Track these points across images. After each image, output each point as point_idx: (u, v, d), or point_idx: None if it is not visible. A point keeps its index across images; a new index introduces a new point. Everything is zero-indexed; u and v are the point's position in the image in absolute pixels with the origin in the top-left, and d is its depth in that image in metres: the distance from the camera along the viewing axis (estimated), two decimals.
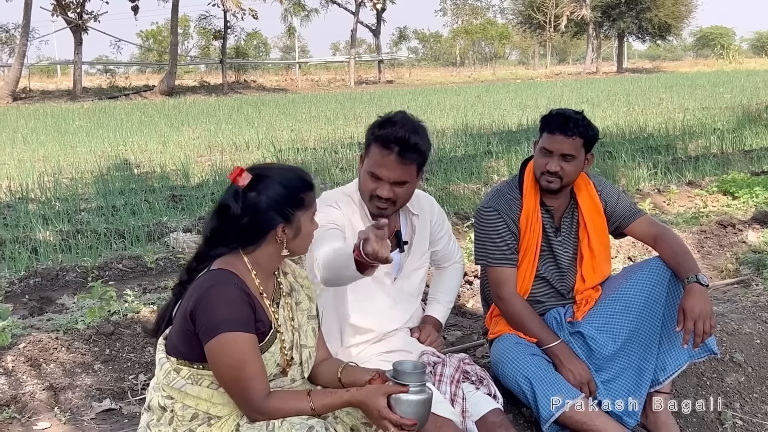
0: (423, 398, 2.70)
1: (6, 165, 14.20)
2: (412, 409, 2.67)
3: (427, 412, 2.73)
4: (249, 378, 2.65)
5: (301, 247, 2.86)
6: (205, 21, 56.62)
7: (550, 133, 3.71)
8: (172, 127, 21.58)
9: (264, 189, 2.74)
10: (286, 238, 2.78)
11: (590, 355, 3.70)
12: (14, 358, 4.46)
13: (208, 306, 2.65)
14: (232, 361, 2.63)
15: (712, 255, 6.98)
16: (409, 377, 2.70)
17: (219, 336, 2.62)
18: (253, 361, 2.66)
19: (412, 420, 2.65)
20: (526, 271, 3.85)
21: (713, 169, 11.15)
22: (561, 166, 3.68)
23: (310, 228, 2.84)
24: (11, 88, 39.47)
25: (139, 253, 7.46)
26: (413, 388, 2.68)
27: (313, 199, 2.84)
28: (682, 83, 37.39)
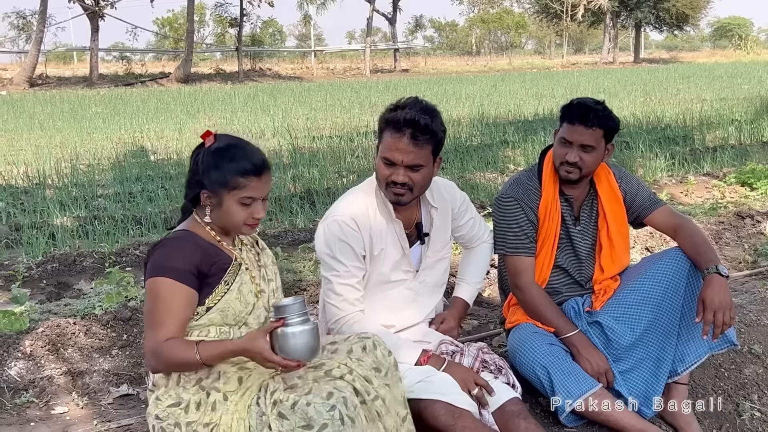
0: (302, 329, 2.67)
1: (23, 151, 14.25)
2: (294, 341, 2.66)
3: (312, 343, 2.69)
4: (160, 322, 2.77)
5: (222, 222, 2.92)
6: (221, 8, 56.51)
7: (570, 123, 3.69)
8: (188, 114, 21.60)
9: (210, 154, 2.87)
10: (209, 205, 2.89)
11: (608, 345, 3.69)
12: (32, 343, 4.49)
13: (156, 255, 2.85)
14: (154, 301, 2.80)
15: (730, 246, 6.95)
16: (284, 310, 2.68)
17: (153, 278, 2.81)
18: (171, 308, 2.78)
19: (295, 360, 2.68)
20: (544, 261, 3.83)
21: (731, 160, 11.08)
22: (580, 157, 3.66)
23: (235, 209, 2.87)
24: (28, 74, 39.59)
25: (155, 239, 7.47)
26: (291, 320, 2.67)
27: (250, 186, 2.86)
28: (699, 74, 37.19)
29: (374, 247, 3.41)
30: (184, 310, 2.81)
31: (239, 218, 2.88)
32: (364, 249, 3.39)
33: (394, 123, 3.29)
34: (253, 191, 2.86)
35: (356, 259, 3.38)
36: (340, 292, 3.37)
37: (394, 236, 3.45)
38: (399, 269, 3.50)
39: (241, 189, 2.84)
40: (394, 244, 3.46)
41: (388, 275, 3.48)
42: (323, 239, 3.41)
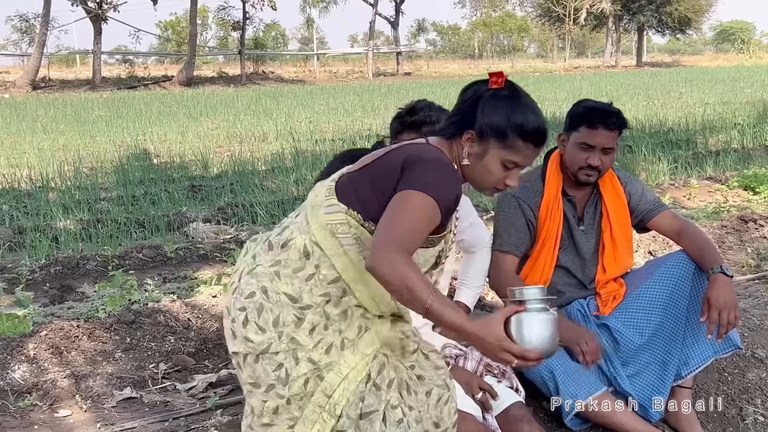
0: (543, 317, 2.42)
1: (26, 154, 14.28)
2: (535, 330, 2.40)
3: (553, 337, 2.42)
4: (411, 232, 2.45)
5: (473, 173, 2.67)
6: (224, 12, 56.64)
7: (591, 127, 3.67)
8: (190, 117, 21.64)
9: (500, 99, 2.63)
10: (468, 148, 2.63)
11: (617, 348, 3.68)
12: (36, 346, 4.49)
13: (429, 167, 2.53)
14: (406, 211, 2.46)
15: (733, 250, 6.95)
16: (526, 295, 2.44)
17: (416, 191, 2.48)
18: (423, 229, 2.50)
19: (536, 350, 2.39)
20: (546, 260, 3.82)
21: (734, 164, 11.08)
22: (601, 160, 3.67)
23: (495, 167, 2.62)
24: (31, 77, 39.67)
25: (158, 242, 7.48)
26: (532, 305, 2.42)
27: (524, 153, 2.61)
28: (701, 77, 37.20)
29: None
30: (425, 234, 2.54)
31: (494, 178, 2.64)
32: None
33: (413, 124, 3.45)
34: (524, 158, 2.62)
35: None
36: None
37: None
38: None
39: (513, 151, 2.60)
40: None
41: None
42: None
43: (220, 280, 6.04)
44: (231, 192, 10.01)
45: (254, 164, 12.27)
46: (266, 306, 2.54)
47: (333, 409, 2.52)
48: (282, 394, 2.55)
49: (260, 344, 2.54)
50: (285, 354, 2.53)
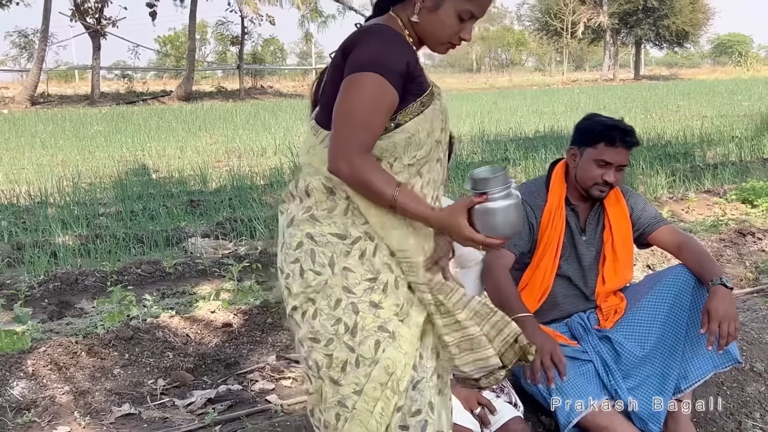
0: (505, 205, 2.41)
1: (25, 169, 14.28)
2: (499, 218, 2.40)
3: (515, 219, 2.43)
4: (361, 123, 2.36)
5: (426, 30, 2.51)
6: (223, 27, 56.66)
7: (610, 145, 3.70)
8: (189, 132, 21.65)
9: None
10: (421, 3, 2.47)
11: (618, 361, 3.68)
12: (34, 362, 4.49)
13: (363, 44, 2.42)
14: (357, 99, 2.36)
15: (732, 264, 6.95)
16: (485, 183, 2.41)
17: (356, 74, 2.38)
18: (374, 111, 2.37)
19: (498, 238, 2.42)
20: (547, 268, 3.83)
21: (732, 177, 11.10)
22: (616, 177, 3.74)
23: (450, 20, 2.47)
24: (30, 92, 39.67)
25: (157, 257, 7.48)
26: (494, 194, 2.40)
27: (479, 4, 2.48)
28: (699, 91, 37.25)
29: None
30: (386, 117, 2.41)
31: (448, 32, 2.49)
32: None
33: None
34: (479, 7, 2.47)
35: None
36: None
37: None
38: None
39: (469, 0, 2.45)
40: None
41: None
42: None
43: (218, 295, 6.05)
44: (230, 207, 10.02)
45: (253, 179, 12.28)
46: (317, 250, 2.48)
47: (396, 386, 2.45)
48: (351, 346, 2.45)
49: (318, 284, 2.47)
50: (340, 291, 2.46)
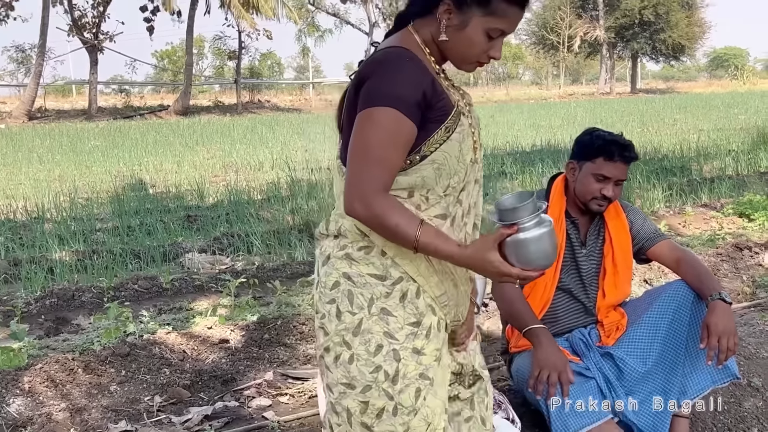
0: (538, 234, 2.26)
1: (22, 185, 14.28)
2: (530, 249, 2.26)
3: (550, 247, 2.29)
4: (377, 160, 2.25)
5: (456, 52, 2.41)
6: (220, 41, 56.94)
7: (609, 159, 3.72)
8: (186, 146, 21.66)
9: None
10: (447, 21, 2.34)
11: (621, 377, 3.67)
12: (30, 379, 4.48)
13: (378, 74, 2.30)
14: (371, 135, 2.25)
15: (729, 278, 6.95)
16: (514, 213, 2.26)
17: (370, 109, 2.27)
18: (391, 145, 2.26)
19: (536, 269, 2.28)
20: (548, 281, 3.83)
21: (729, 191, 11.11)
22: (614, 191, 3.73)
23: (478, 38, 2.35)
24: (27, 107, 39.70)
25: (154, 273, 7.47)
26: (524, 224, 2.25)
27: (508, 16, 2.33)
28: (696, 104, 37.35)
29: None
30: (403, 152, 2.29)
31: (477, 50, 2.37)
32: None
33: None
34: (509, 24, 2.35)
35: None
36: None
37: None
38: None
39: (498, 17, 2.31)
40: None
41: None
42: None
43: (215, 311, 6.04)
44: (227, 222, 10.01)
45: (250, 194, 12.28)
46: (355, 291, 2.36)
47: None
48: (390, 394, 2.35)
49: (355, 327, 2.35)
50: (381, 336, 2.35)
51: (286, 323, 5.50)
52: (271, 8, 45.53)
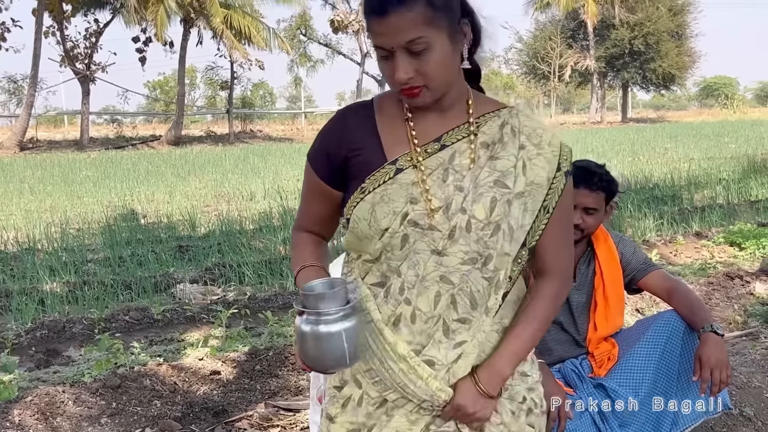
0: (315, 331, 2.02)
1: (13, 215, 14.25)
2: (304, 344, 2.05)
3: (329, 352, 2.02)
4: (301, 201, 2.40)
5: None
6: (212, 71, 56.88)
7: (573, 187, 3.72)
8: (178, 176, 21.67)
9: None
10: None
11: (614, 408, 3.66)
12: (21, 412, 4.45)
13: None
14: None
15: (720, 307, 6.96)
16: (305, 299, 2.05)
17: None
18: (303, 195, 2.37)
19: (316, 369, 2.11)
20: None
21: (719, 220, 11.14)
22: (583, 219, 3.70)
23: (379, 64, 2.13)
24: (18, 138, 39.66)
25: (145, 304, 7.46)
26: (310, 315, 2.02)
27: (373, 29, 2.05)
28: (686, 133, 37.50)
29: None
30: (314, 203, 2.33)
31: (388, 78, 2.11)
32: None
33: None
34: (378, 37, 2.05)
35: None
36: None
37: None
38: None
39: (371, 34, 2.08)
40: None
41: None
42: None
43: (206, 342, 6.02)
44: (218, 252, 10.00)
45: (242, 223, 12.27)
46: None
47: None
48: None
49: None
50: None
51: (278, 354, 5.49)
52: (264, 39, 45.65)
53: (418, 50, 2.02)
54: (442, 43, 2.05)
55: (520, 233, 2.18)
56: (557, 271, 2.29)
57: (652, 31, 62.22)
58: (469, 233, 2.12)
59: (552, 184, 2.23)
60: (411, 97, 2.10)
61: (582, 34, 65.49)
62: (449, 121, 2.20)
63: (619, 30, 62.75)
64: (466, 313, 2.17)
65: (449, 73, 2.12)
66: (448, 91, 2.16)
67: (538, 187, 2.20)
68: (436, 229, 2.12)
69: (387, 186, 2.13)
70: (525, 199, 2.18)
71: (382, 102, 2.26)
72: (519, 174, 2.17)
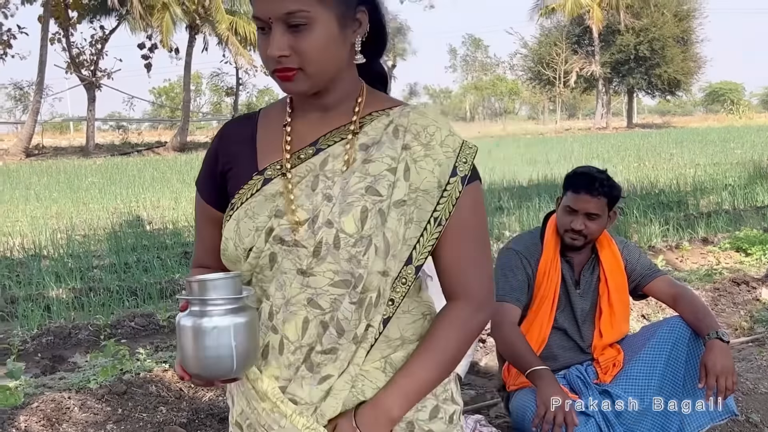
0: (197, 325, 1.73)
1: (19, 222, 14.29)
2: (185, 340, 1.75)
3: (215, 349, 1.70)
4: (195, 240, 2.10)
5: None
6: (218, 78, 57.26)
7: (575, 192, 3.74)
8: (184, 183, 21.68)
9: None
10: None
11: (619, 415, 3.65)
12: (27, 418, 4.45)
13: None
14: None
15: (726, 313, 6.94)
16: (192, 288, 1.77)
17: None
18: (195, 223, 2.15)
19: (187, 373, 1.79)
20: (543, 320, 3.83)
21: (725, 226, 11.12)
22: (585, 224, 3.71)
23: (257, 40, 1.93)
24: (24, 144, 39.78)
25: (151, 310, 7.47)
26: (195, 307, 1.75)
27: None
28: (692, 138, 37.46)
29: None
30: (206, 232, 2.09)
31: (262, 56, 1.89)
32: None
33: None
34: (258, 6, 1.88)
35: None
36: None
37: None
38: None
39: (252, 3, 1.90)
40: None
41: None
42: None
43: None
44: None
45: None
46: None
47: None
48: None
49: None
50: None
51: None
52: None
53: (296, 24, 1.79)
54: (327, 23, 1.80)
55: (403, 249, 1.86)
56: (466, 295, 1.95)
57: (658, 36, 62.24)
58: (338, 250, 1.82)
59: (445, 192, 1.88)
60: (284, 80, 1.84)
61: (587, 39, 65.51)
62: (332, 122, 1.94)
63: (624, 35, 62.78)
64: (333, 343, 1.86)
65: (331, 59, 1.84)
66: (331, 84, 1.89)
67: (425, 194, 1.87)
68: (301, 245, 1.85)
69: (252, 199, 1.91)
70: (407, 209, 1.86)
71: (267, 110, 2.06)
72: (399, 179, 1.85)
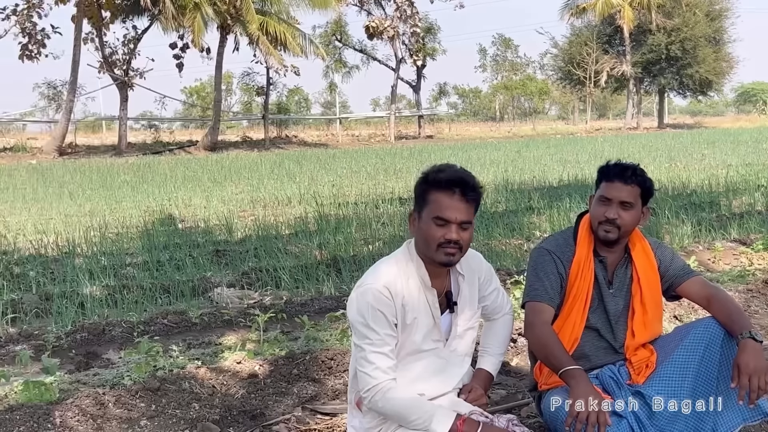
0: None
1: (53, 220, 14.41)
2: None
3: None
4: None
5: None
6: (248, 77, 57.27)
7: (608, 181, 3.77)
8: (215, 182, 21.80)
9: None
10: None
11: (651, 416, 3.63)
12: (62, 414, 4.50)
13: None
14: None
15: (759, 314, 6.89)
16: None
17: None
18: None
19: None
20: (576, 320, 3.82)
21: (758, 227, 11.03)
22: (619, 214, 3.72)
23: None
24: (58, 143, 40.17)
25: (183, 308, 7.52)
26: None
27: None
28: (724, 139, 37.17)
29: (407, 315, 3.42)
30: None
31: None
32: (396, 317, 3.40)
33: (445, 182, 3.40)
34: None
35: (389, 328, 3.38)
36: (372, 360, 3.35)
37: (427, 305, 3.48)
38: (430, 338, 3.52)
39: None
40: (426, 312, 3.48)
41: (419, 344, 3.49)
42: (356, 307, 3.41)
43: (244, 345, 6.06)
44: (255, 256, 10.04)
45: (278, 228, 12.30)
46: None
47: None
48: None
49: None
50: None
51: (315, 358, 5.51)
52: (299, 45, 45.88)
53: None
54: None
55: None
56: None
57: (689, 36, 61.81)
58: None
59: None
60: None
61: (618, 39, 65.17)
62: None
63: (655, 35, 62.39)
64: None
65: None
66: None
67: None
68: None
69: None
70: None
71: None
72: None
